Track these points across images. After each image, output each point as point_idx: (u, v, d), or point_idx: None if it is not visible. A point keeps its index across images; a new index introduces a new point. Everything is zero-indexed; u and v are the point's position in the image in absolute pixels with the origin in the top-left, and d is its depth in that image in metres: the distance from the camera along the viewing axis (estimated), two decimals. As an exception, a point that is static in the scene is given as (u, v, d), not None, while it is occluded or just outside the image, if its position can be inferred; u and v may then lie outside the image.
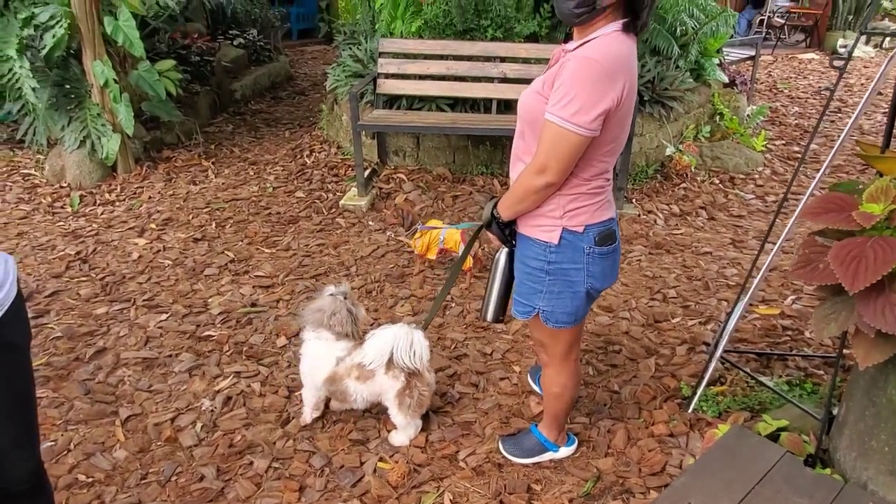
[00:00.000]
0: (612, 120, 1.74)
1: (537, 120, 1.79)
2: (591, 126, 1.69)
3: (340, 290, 2.59)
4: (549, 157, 1.75)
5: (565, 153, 1.73)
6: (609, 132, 1.76)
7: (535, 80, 1.90)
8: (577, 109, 1.67)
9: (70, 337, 3.29)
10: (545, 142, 1.74)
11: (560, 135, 1.71)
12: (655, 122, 5.24)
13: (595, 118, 1.68)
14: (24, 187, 5.15)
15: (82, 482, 2.43)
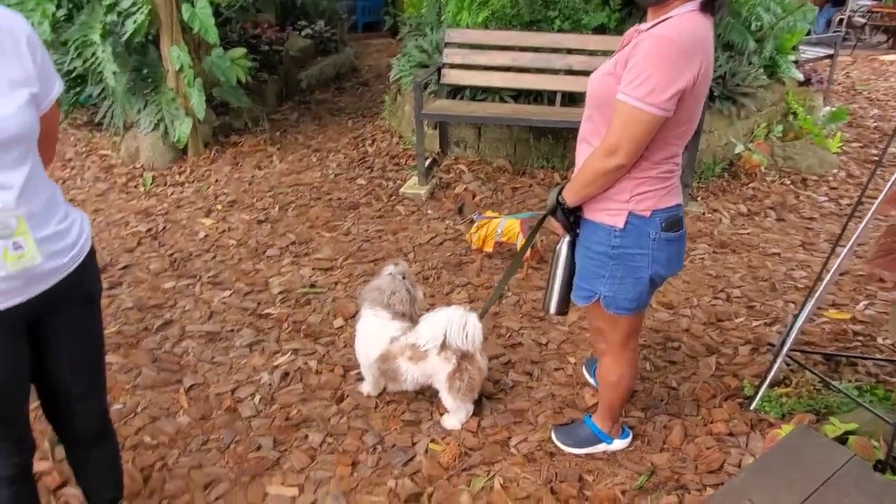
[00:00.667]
0: (686, 101, 1.69)
1: (607, 102, 1.76)
2: (665, 106, 1.66)
3: (399, 270, 2.62)
4: (621, 138, 1.72)
5: (637, 134, 1.70)
6: (682, 114, 1.72)
7: (604, 62, 1.87)
8: (652, 89, 1.64)
9: (140, 308, 3.43)
10: (617, 122, 1.71)
11: (632, 115, 1.68)
12: (725, 118, 5.08)
13: (669, 98, 1.64)
14: (101, 167, 5.40)
15: (147, 444, 2.53)
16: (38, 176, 1.53)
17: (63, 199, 1.66)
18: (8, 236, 1.43)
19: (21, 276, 1.50)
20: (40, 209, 1.52)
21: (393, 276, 2.60)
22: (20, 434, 1.70)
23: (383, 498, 2.26)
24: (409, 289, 2.61)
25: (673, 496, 2.22)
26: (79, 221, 1.69)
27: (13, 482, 1.72)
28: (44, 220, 1.54)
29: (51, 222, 1.56)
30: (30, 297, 1.55)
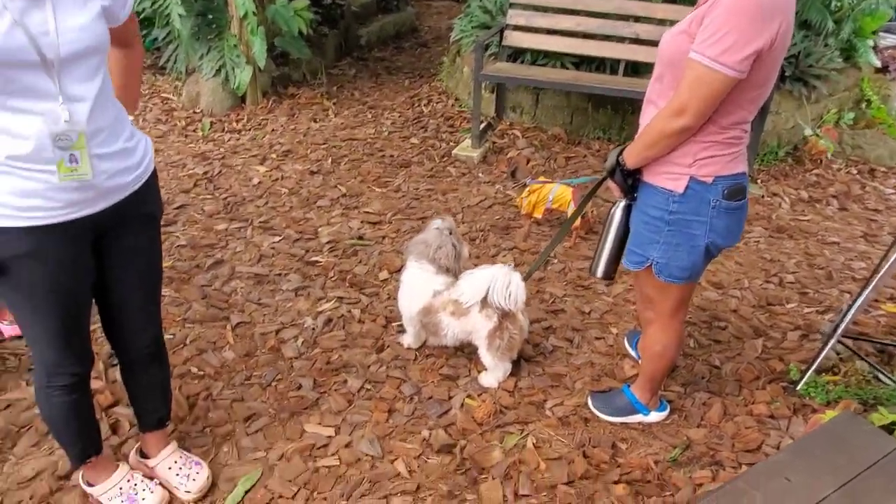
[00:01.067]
0: (762, 63, 1.63)
1: (679, 62, 1.71)
2: (739, 67, 1.59)
3: (446, 225, 2.62)
4: (690, 98, 1.66)
5: (708, 95, 1.64)
6: (756, 76, 1.66)
7: (680, 21, 1.80)
8: (728, 48, 1.57)
9: (193, 246, 3.53)
10: (687, 81, 1.66)
11: (705, 74, 1.62)
12: (794, 101, 4.87)
13: (745, 58, 1.58)
14: (162, 110, 5.52)
15: (194, 374, 2.63)
16: (108, 91, 1.59)
17: (129, 120, 1.71)
18: (67, 148, 1.49)
19: (90, 189, 1.57)
20: (108, 124, 1.58)
21: (440, 231, 2.60)
22: (81, 345, 1.79)
23: (416, 446, 2.30)
24: (455, 244, 2.61)
25: (707, 471, 2.20)
26: (143, 143, 1.75)
27: (73, 391, 1.82)
28: (111, 136, 1.60)
29: (118, 139, 1.62)
30: (96, 211, 1.62)
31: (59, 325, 1.69)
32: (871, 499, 1.72)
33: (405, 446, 2.31)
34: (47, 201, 1.52)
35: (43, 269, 1.59)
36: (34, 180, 1.50)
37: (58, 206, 1.54)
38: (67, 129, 1.48)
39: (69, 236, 1.60)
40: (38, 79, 1.43)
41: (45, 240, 1.57)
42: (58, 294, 1.64)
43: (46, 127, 1.46)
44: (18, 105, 1.43)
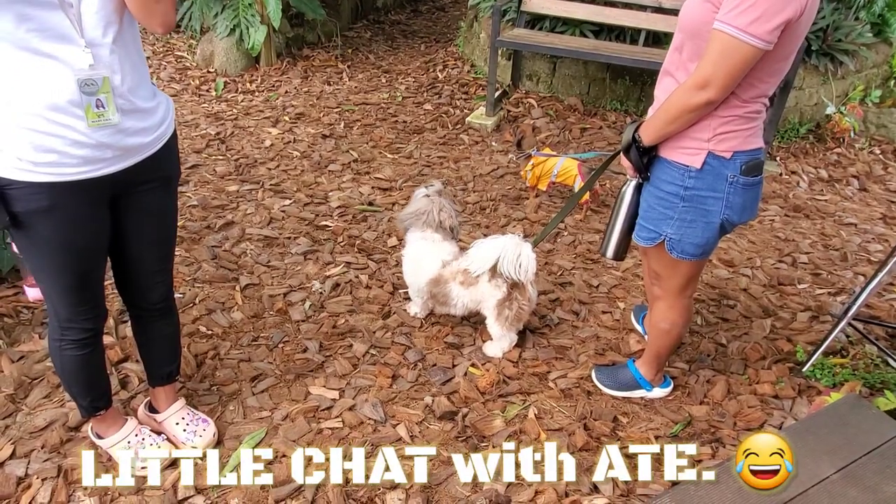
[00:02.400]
0: (789, 33, 1.57)
1: (701, 32, 1.65)
2: (768, 38, 1.54)
3: (435, 189, 2.60)
4: (716, 70, 1.60)
5: (734, 67, 1.59)
6: (783, 48, 1.60)
7: None
8: (757, 17, 1.52)
9: (204, 207, 3.54)
10: (712, 53, 1.60)
11: (731, 46, 1.56)
12: (819, 76, 4.75)
13: (774, 28, 1.53)
14: (176, 68, 5.49)
15: (203, 333, 2.65)
16: (130, 43, 1.58)
17: (151, 80, 1.70)
18: (93, 93, 1.50)
19: (110, 147, 1.58)
20: (129, 75, 1.57)
21: (430, 197, 2.58)
22: (95, 301, 1.81)
23: (419, 412, 2.32)
24: (449, 204, 2.61)
25: (707, 448, 2.20)
26: (165, 104, 1.75)
27: (85, 346, 1.85)
28: (133, 90, 1.59)
29: (139, 96, 1.62)
30: (116, 170, 1.63)
31: (72, 281, 1.71)
32: (869, 482, 1.72)
33: (408, 412, 2.33)
34: (65, 157, 1.53)
35: (58, 226, 1.61)
36: (55, 136, 1.50)
37: (76, 164, 1.55)
38: (92, 73, 1.49)
39: (86, 195, 1.61)
40: (57, 18, 1.43)
41: (62, 197, 1.58)
42: (72, 251, 1.66)
43: (72, 72, 1.47)
44: (43, 48, 1.43)
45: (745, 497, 1.65)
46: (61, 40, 1.45)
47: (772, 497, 1.65)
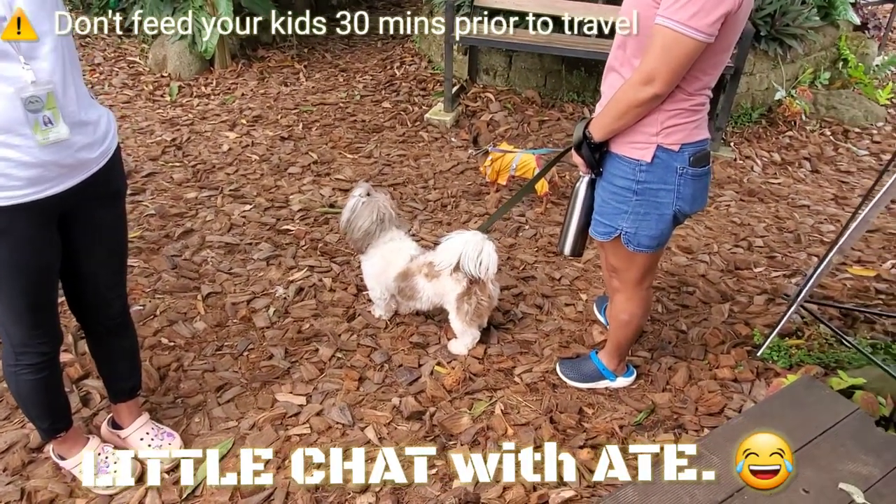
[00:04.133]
0: (728, 25, 1.60)
1: (644, 28, 1.68)
2: (709, 31, 1.57)
3: (364, 191, 2.57)
4: (660, 65, 1.63)
5: (677, 61, 1.61)
6: (723, 40, 1.64)
7: None
8: (697, 11, 1.54)
9: (162, 216, 3.48)
10: (655, 49, 1.63)
11: (674, 40, 1.59)
12: (769, 61, 4.86)
13: (715, 21, 1.55)
14: (128, 74, 5.38)
15: (165, 345, 2.62)
16: (68, 57, 1.55)
17: (91, 94, 1.68)
18: (38, 110, 1.47)
19: (55, 165, 1.55)
20: (71, 87, 1.55)
21: (371, 198, 2.56)
22: (49, 324, 1.78)
23: (387, 413, 2.33)
24: (384, 194, 2.62)
25: (670, 434, 2.25)
26: (106, 117, 1.72)
27: (41, 369, 1.82)
28: (77, 102, 1.57)
29: (81, 110, 1.59)
30: (62, 190, 1.60)
31: (25, 303, 1.68)
32: (824, 462, 1.77)
33: (375, 414, 2.33)
34: (11, 180, 1.50)
35: (8, 249, 1.58)
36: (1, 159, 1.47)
37: (22, 185, 1.52)
38: (35, 90, 1.45)
39: (35, 216, 1.59)
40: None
41: (11, 220, 1.55)
42: (24, 273, 1.63)
43: (14, 90, 1.44)
44: None
45: (704, 483, 1.70)
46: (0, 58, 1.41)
47: (729, 480, 1.70)
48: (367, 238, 2.58)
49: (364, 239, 2.58)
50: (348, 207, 2.58)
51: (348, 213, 2.58)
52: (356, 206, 2.56)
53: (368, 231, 2.56)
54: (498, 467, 2.07)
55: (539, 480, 1.96)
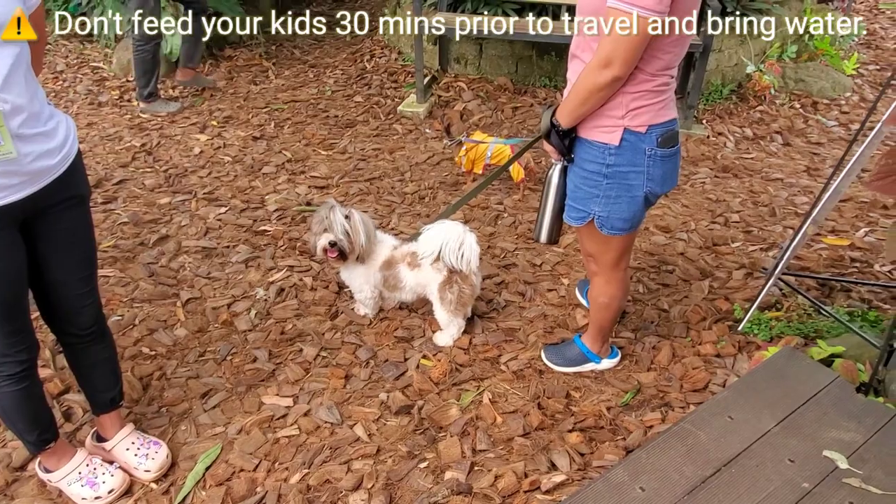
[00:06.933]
0: (679, 2, 1.60)
1: (598, 12, 1.67)
2: (659, 8, 1.56)
3: (328, 207, 2.52)
4: (616, 47, 1.63)
5: (632, 41, 1.61)
6: (677, 15, 1.63)
7: None
8: None
9: (135, 223, 3.42)
10: (609, 31, 1.63)
11: (625, 21, 1.59)
12: (737, 37, 4.89)
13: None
14: (93, 80, 5.27)
15: (146, 354, 2.58)
16: (24, 69, 1.51)
17: (47, 101, 1.65)
18: None
19: (15, 174, 1.53)
20: (26, 103, 1.51)
21: (344, 212, 2.52)
22: (24, 332, 1.76)
23: (375, 409, 2.32)
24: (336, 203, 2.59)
25: (657, 413, 2.27)
26: (64, 123, 1.70)
27: (22, 379, 1.80)
28: (31, 117, 1.55)
29: (38, 121, 1.57)
30: (23, 197, 1.58)
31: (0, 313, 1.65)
32: (808, 431, 1.80)
33: (364, 411, 2.32)
34: None
35: None
36: None
37: None
38: None
39: None
40: None
41: None
42: None
43: None
44: None
45: (692, 459, 1.72)
46: None
47: (716, 455, 1.72)
48: (364, 251, 2.56)
49: (364, 250, 2.56)
50: (359, 228, 2.50)
51: (363, 230, 2.51)
52: (359, 222, 2.50)
53: (363, 248, 2.55)
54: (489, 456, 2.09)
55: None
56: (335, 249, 2.49)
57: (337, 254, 2.51)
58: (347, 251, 2.50)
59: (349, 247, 2.50)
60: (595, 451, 2.13)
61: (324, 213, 2.51)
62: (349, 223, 2.49)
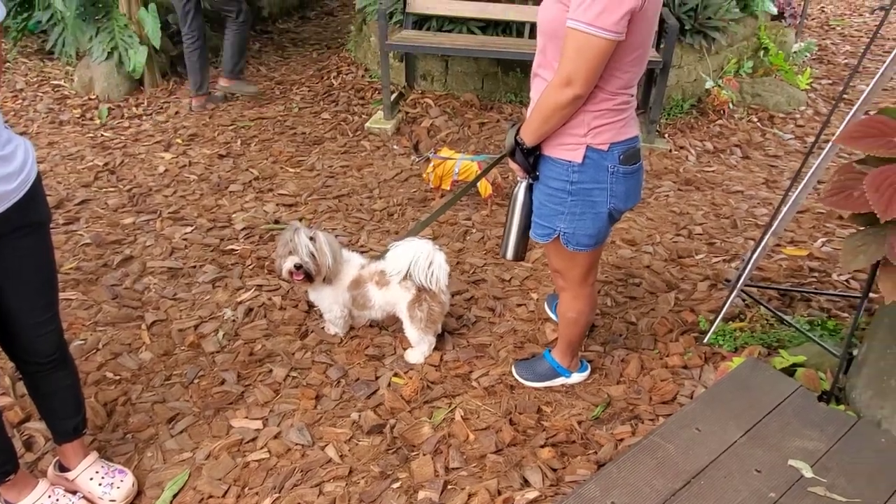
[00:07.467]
0: (636, 23, 1.65)
1: (558, 31, 1.71)
2: (616, 29, 1.61)
3: (293, 230, 2.51)
4: (575, 66, 1.67)
5: (592, 61, 1.65)
6: (634, 37, 1.68)
7: None
8: (601, 10, 1.58)
9: (98, 244, 3.36)
10: (569, 51, 1.66)
11: (585, 41, 1.63)
12: (695, 53, 5.02)
13: (620, 19, 1.60)
14: (54, 98, 5.17)
15: (110, 379, 2.52)
16: None
17: (4, 125, 1.61)
18: None
19: None
20: None
21: (309, 233, 2.51)
22: None
23: (346, 429, 2.30)
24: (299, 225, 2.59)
25: (627, 426, 2.29)
26: (23, 147, 1.66)
27: None
28: None
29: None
30: None
31: None
32: (773, 441, 1.84)
33: (335, 431, 2.30)
34: None
35: None
36: None
37: None
38: None
39: None
40: None
41: None
42: None
43: None
44: None
45: (662, 472, 1.74)
46: None
47: (685, 467, 1.75)
48: (332, 272, 2.55)
49: (331, 271, 2.54)
50: (325, 249, 2.49)
51: (329, 251, 2.50)
52: (324, 244, 2.49)
53: (331, 269, 2.53)
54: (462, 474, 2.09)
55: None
56: (301, 272, 2.48)
57: (303, 276, 2.50)
58: (314, 273, 2.49)
59: (315, 269, 2.48)
60: (567, 466, 2.14)
61: (288, 235, 2.49)
62: (314, 245, 2.47)
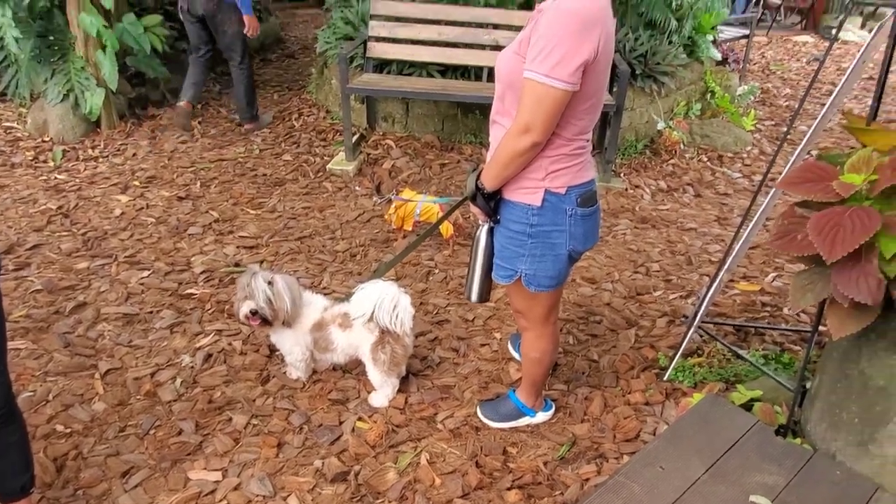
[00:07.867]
0: (590, 74, 1.72)
1: (515, 83, 1.77)
2: (571, 80, 1.67)
3: (250, 274, 2.48)
4: (534, 115, 1.72)
5: (549, 109, 1.71)
6: (588, 87, 1.75)
7: (511, 42, 1.87)
8: (557, 62, 1.65)
9: (50, 290, 3.26)
10: (527, 100, 1.72)
11: (541, 91, 1.69)
12: (647, 97, 5.22)
13: (575, 70, 1.66)
14: (5, 140, 5.05)
15: (60, 432, 2.43)
16: None
17: None
18: None
19: None
20: None
21: (269, 277, 2.49)
22: None
23: (310, 478, 2.25)
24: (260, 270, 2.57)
25: (592, 465, 2.30)
26: None
27: None
28: None
29: None
30: None
31: None
32: (734, 477, 1.87)
33: (298, 480, 2.25)
34: None
35: None
36: None
37: None
38: None
39: None
40: None
41: None
42: None
43: None
44: None
45: (627, 511, 1.75)
46: None
47: (651, 507, 1.76)
48: (292, 313, 2.52)
49: (291, 313, 2.51)
50: (283, 293, 2.46)
51: (288, 295, 2.47)
52: (283, 289, 2.46)
53: (291, 311, 2.50)
54: (428, 521, 2.06)
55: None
56: (257, 317, 2.45)
57: (260, 321, 2.47)
58: (270, 318, 2.46)
59: (272, 314, 2.46)
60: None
61: (245, 280, 2.46)
62: (272, 289, 2.45)
